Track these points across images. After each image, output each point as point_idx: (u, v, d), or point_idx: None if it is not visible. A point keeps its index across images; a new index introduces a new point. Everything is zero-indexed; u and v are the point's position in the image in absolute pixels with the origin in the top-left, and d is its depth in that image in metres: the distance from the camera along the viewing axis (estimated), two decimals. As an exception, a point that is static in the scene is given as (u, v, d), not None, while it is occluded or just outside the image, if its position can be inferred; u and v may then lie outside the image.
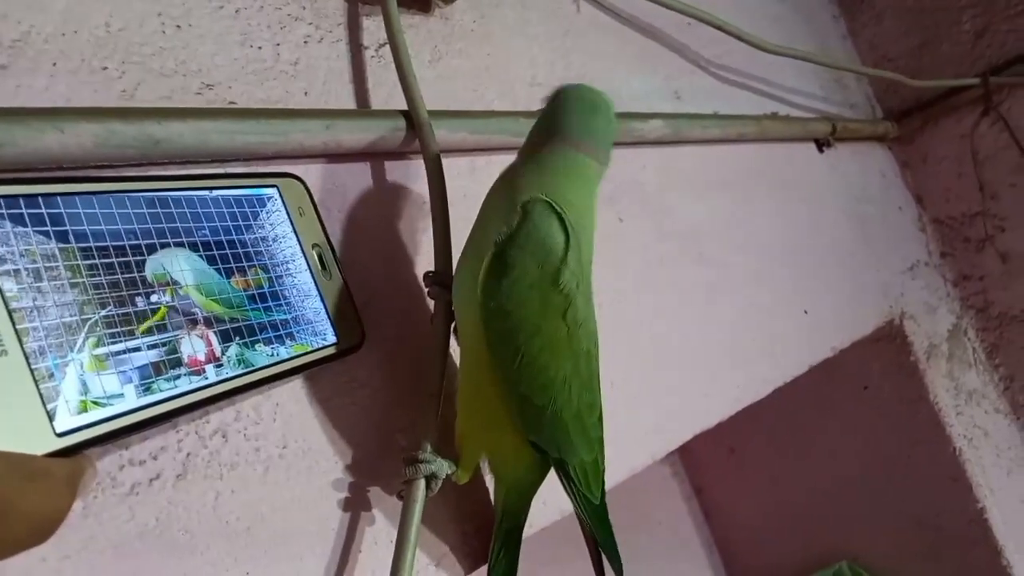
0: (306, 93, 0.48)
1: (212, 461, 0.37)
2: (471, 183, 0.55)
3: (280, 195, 0.42)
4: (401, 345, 0.47)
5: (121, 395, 0.32)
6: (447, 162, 0.50)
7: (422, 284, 0.47)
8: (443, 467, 0.42)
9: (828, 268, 0.95)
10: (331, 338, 0.41)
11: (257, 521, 0.38)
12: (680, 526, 1.32)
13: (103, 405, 0.31)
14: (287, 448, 0.40)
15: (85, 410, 0.30)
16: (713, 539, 1.34)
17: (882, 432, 1.11)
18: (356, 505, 0.42)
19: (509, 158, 0.58)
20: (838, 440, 1.16)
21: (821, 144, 1.03)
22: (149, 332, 0.33)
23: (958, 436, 1.06)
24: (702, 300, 0.74)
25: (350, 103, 0.50)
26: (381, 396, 0.45)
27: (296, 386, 0.42)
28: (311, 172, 0.46)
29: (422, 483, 0.41)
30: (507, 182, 0.43)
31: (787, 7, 1.13)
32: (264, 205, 0.41)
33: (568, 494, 0.44)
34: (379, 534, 0.43)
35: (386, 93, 0.52)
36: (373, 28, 0.53)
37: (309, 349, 0.40)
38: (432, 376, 0.44)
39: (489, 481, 0.48)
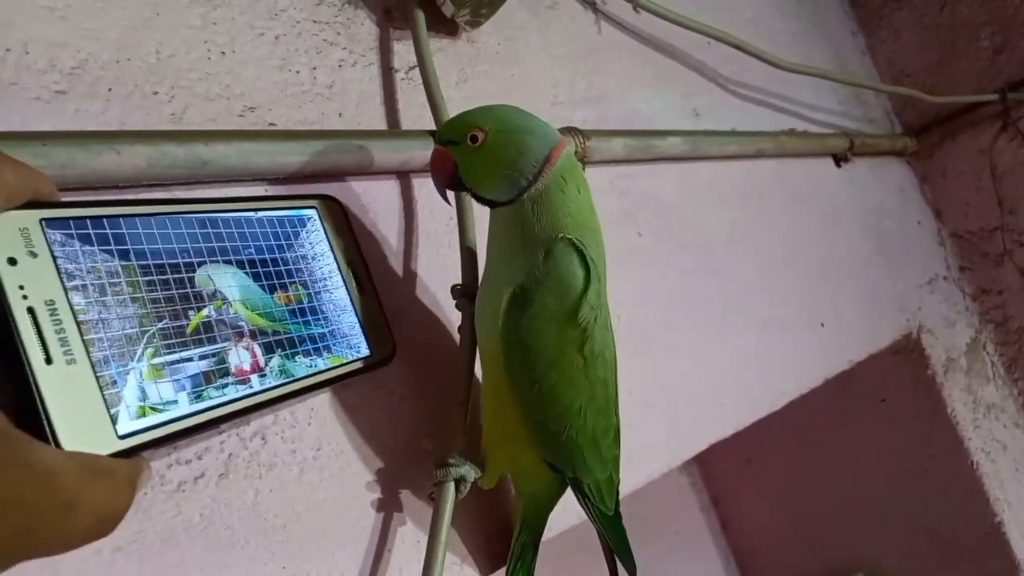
0: (340, 114, 0.50)
1: (252, 462, 0.40)
2: (495, 199, 0.58)
3: (319, 215, 0.44)
4: (430, 354, 0.50)
5: (175, 402, 0.34)
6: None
7: (450, 296, 0.50)
8: (471, 471, 0.44)
9: (845, 282, 0.96)
10: (365, 351, 0.43)
11: (293, 519, 0.41)
12: (697, 535, 1.33)
13: (160, 411, 0.33)
14: (321, 451, 0.43)
15: (144, 415, 0.33)
16: (730, 549, 1.35)
17: (899, 445, 1.12)
18: (386, 505, 0.45)
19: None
20: (855, 452, 1.17)
21: (839, 159, 1.05)
22: (199, 343, 0.36)
23: (976, 449, 1.07)
24: (719, 312, 0.75)
25: (381, 123, 0.53)
26: (410, 403, 0.47)
27: (330, 393, 0.44)
28: (345, 189, 0.48)
29: (452, 486, 0.43)
30: (513, 222, 0.42)
31: (806, 24, 1.14)
32: (304, 225, 0.43)
33: (582, 507, 0.47)
34: (407, 533, 0.45)
35: (415, 114, 0.55)
36: (403, 52, 0.55)
37: (345, 361, 0.42)
38: (460, 384, 0.47)
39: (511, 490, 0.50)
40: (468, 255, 0.50)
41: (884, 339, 0.99)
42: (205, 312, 0.37)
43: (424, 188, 0.53)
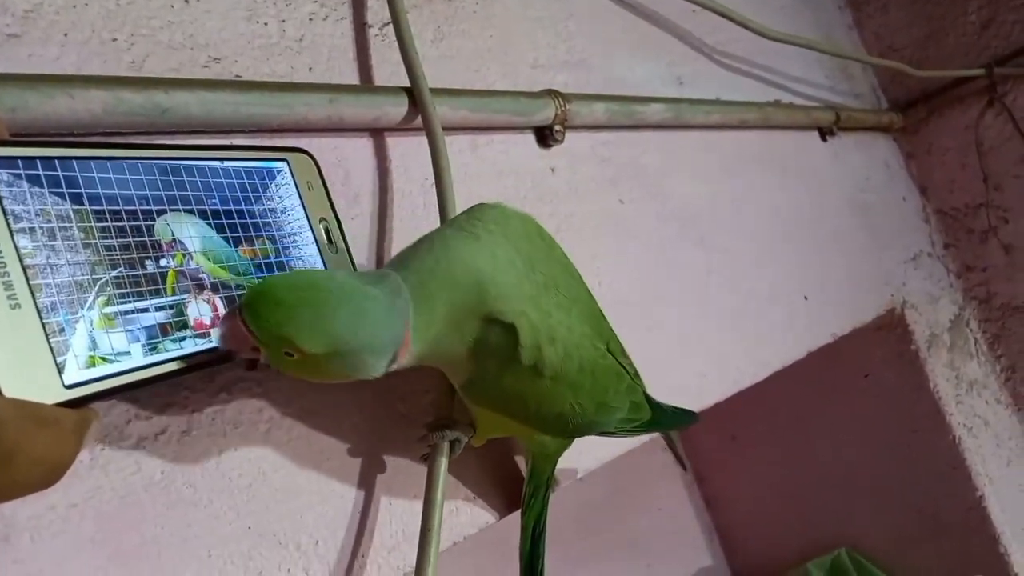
0: (310, 69, 0.49)
1: (216, 419, 0.39)
2: (473, 160, 0.57)
3: (290, 169, 0.43)
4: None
5: (128, 353, 0.33)
6: (449, 139, 0.51)
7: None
8: (464, 433, 0.44)
9: (829, 256, 0.95)
10: None
11: (259, 478, 0.40)
12: (681, 512, 1.33)
13: (110, 361, 0.32)
14: (290, 409, 0.41)
15: (93, 365, 0.31)
16: (714, 525, 1.35)
17: (882, 420, 1.12)
18: (360, 467, 0.44)
19: (510, 137, 0.60)
20: (839, 428, 1.17)
21: (825, 133, 1.04)
22: (156, 294, 0.35)
23: (958, 425, 1.07)
24: (701, 283, 0.75)
25: (354, 80, 0.51)
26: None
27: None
28: (314, 145, 0.47)
29: (446, 447, 0.43)
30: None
31: (793, -4, 1.13)
32: (274, 178, 0.42)
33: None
34: (384, 496, 0.44)
35: (389, 71, 0.53)
36: (377, 7, 0.54)
37: None
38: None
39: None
40: (445, 216, 0.49)
41: (868, 314, 0.99)
42: (164, 262, 0.35)
43: (399, 147, 0.52)
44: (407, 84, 0.51)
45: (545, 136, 0.62)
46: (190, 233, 0.37)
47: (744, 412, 1.22)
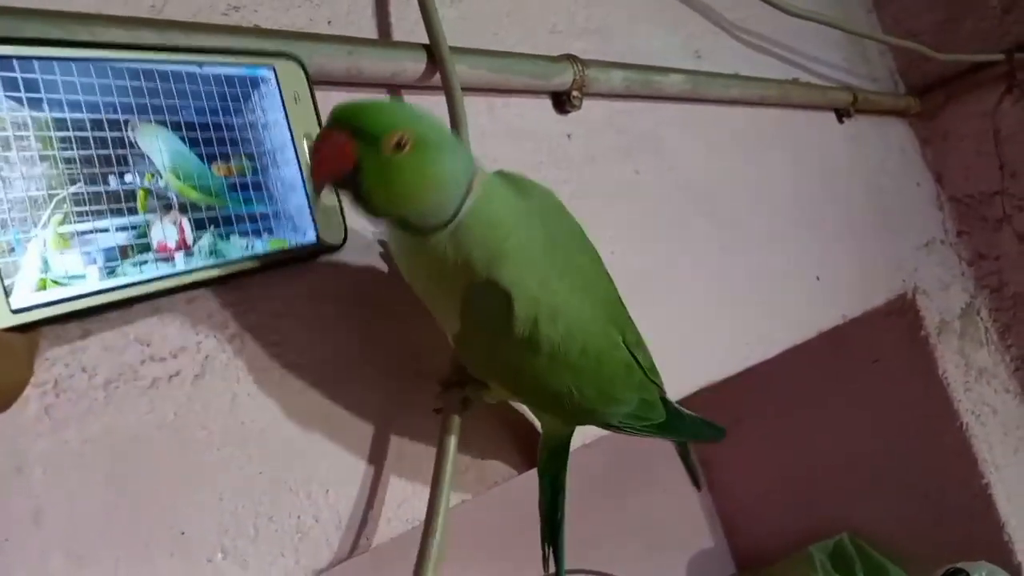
0: (329, 22, 0.49)
1: (230, 364, 0.39)
2: (489, 122, 0.56)
3: (276, 77, 0.40)
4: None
5: (83, 276, 0.31)
6: (466, 100, 0.51)
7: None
8: (477, 392, 0.44)
9: (842, 238, 0.95)
10: (311, 235, 0.40)
11: (273, 425, 0.40)
12: (684, 495, 1.33)
13: (63, 284, 0.30)
14: (304, 356, 0.41)
15: (44, 288, 0.30)
16: (716, 508, 1.36)
17: (890, 405, 1.12)
18: (378, 418, 0.44)
19: (527, 100, 0.60)
20: (845, 412, 1.17)
21: (842, 114, 1.03)
22: (118, 213, 0.32)
23: (966, 412, 1.06)
24: (714, 257, 0.74)
25: (372, 35, 0.51)
26: (405, 321, 0.46)
27: (316, 298, 0.43)
28: (331, 99, 0.47)
29: (459, 403, 0.43)
30: (414, 264, 0.39)
31: (812, -23, 1.12)
32: (257, 87, 0.39)
33: (625, 434, 0.46)
34: (402, 448, 0.45)
35: (408, 28, 0.53)
36: (397, -37, 0.53)
37: (287, 246, 0.39)
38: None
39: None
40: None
41: (879, 297, 0.98)
42: (129, 179, 0.33)
43: (415, 103, 0.52)
44: (426, 41, 0.51)
45: (562, 102, 0.62)
46: (159, 147, 0.35)
47: (750, 395, 1.22)
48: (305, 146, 0.41)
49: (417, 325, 0.47)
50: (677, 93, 0.73)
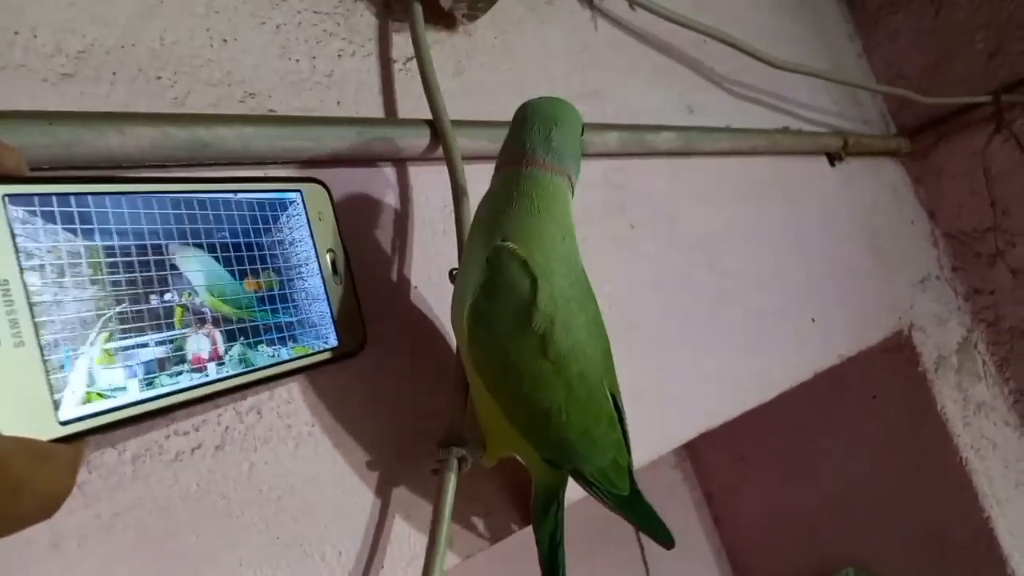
0: (339, 103, 0.52)
1: (248, 435, 0.41)
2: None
3: (303, 199, 0.44)
4: (426, 337, 0.51)
5: (124, 388, 0.33)
6: (469, 169, 0.54)
7: (447, 280, 0.51)
8: (473, 451, 0.46)
9: (837, 279, 0.97)
10: (332, 341, 0.43)
11: (287, 491, 0.42)
12: (689, 531, 1.34)
13: (106, 397, 0.32)
14: (315, 426, 0.44)
15: (89, 401, 0.32)
16: (722, 544, 1.36)
17: (890, 441, 1.13)
18: (382, 480, 0.46)
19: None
20: (846, 449, 1.18)
21: (833, 158, 1.06)
22: (158, 328, 0.35)
23: (965, 446, 1.08)
24: (710, 306, 0.77)
25: (379, 112, 0.54)
26: (406, 384, 0.49)
27: (326, 371, 0.45)
28: (340, 175, 0.50)
29: (455, 464, 0.45)
30: (481, 221, 0.43)
31: (803, 26, 1.16)
32: (286, 209, 0.43)
33: (591, 494, 0.47)
34: (405, 508, 0.47)
35: (412, 104, 0.56)
36: (401, 43, 0.57)
37: (310, 351, 0.42)
38: (457, 367, 0.48)
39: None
40: (464, 241, 0.51)
41: (876, 336, 1.00)
42: (169, 297, 0.36)
43: (420, 176, 0.55)
44: (429, 116, 0.54)
45: (559, 164, 0.65)
46: (196, 267, 0.37)
47: (753, 432, 1.24)
48: (328, 260, 0.44)
49: (423, 391, 0.49)
50: (669, 149, 0.76)
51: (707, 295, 0.77)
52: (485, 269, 0.40)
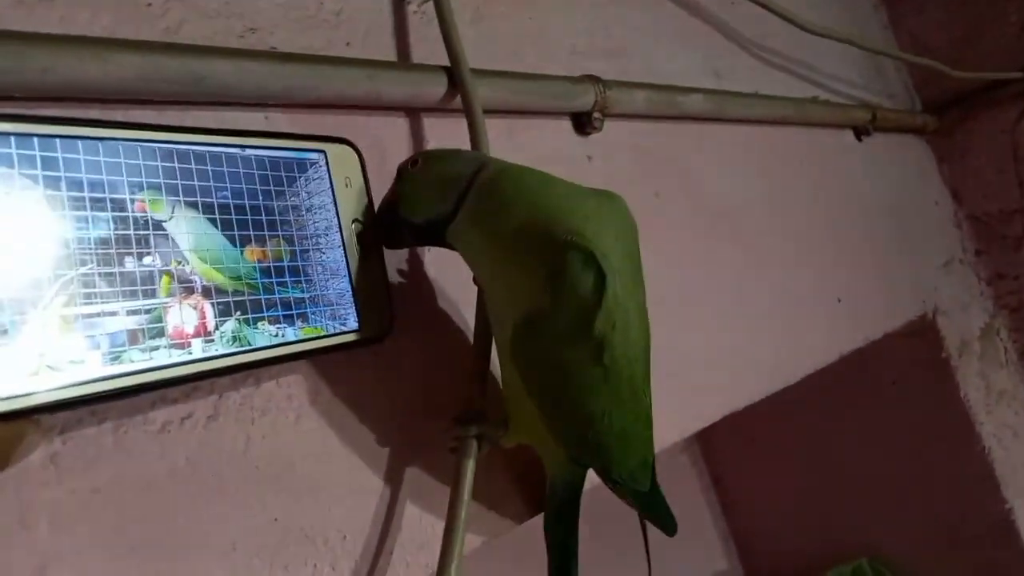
0: (348, 44, 0.47)
1: (244, 405, 0.37)
2: (509, 145, 0.54)
3: (327, 161, 0.39)
4: (441, 310, 0.47)
5: (82, 361, 0.29)
6: (489, 123, 0.49)
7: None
8: (493, 429, 0.42)
9: (862, 258, 0.93)
10: (352, 324, 0.38)
11: (287, 469, 0.38)
12: (697, 515, 1.31)
13: (59, 370, 0.28)
14: (319, 398, 0.40)
15: (36, 374, 0.27)
16: (729, 530, 1.33)
17: (909, 428, 1.09)
18: (392, 460, 0.42)
19: (547, 123, 0.58)
20: (863, 435, 1.14)
21: (860, 132, 1.01)
22: (132, 295, 0.30)
23: (987, 435, 1.04)
24: (735, 280, 0.72)
25: (391, 57, 0.49)
26: (422, 358, 0.45)
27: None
28: (349, 123, 0.45)
29: (473, 443, 0.41)
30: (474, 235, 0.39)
31: (828, -6, 1.10)
32: (305, 171, 0.38)
33: (613, 491, 0.43)
34: (417, 490, 0.43)
35: (427, 50, 0.51)
36: (416, -17, 0.52)
37: (322, 333, 0.37)
38: (478, 342, 0.44)
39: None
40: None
41: (900, 319, 0.96)
42: (148, 261, 0.31)
43: (436, 128, 0.50)
44: (446, 63, 0.49)
45: (583, 123, 0.60)
46: (185, 229, 0.33)
47: (765, 415, 1.19)
48: (353, 231, 0.39)
49: (435, 362, 0.45)
50: (699, 113, 0.71)
51: (733, 270, 0.72)
52: (540, 272, 0.36)
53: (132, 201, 0.31)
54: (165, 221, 0.32)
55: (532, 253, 0.36)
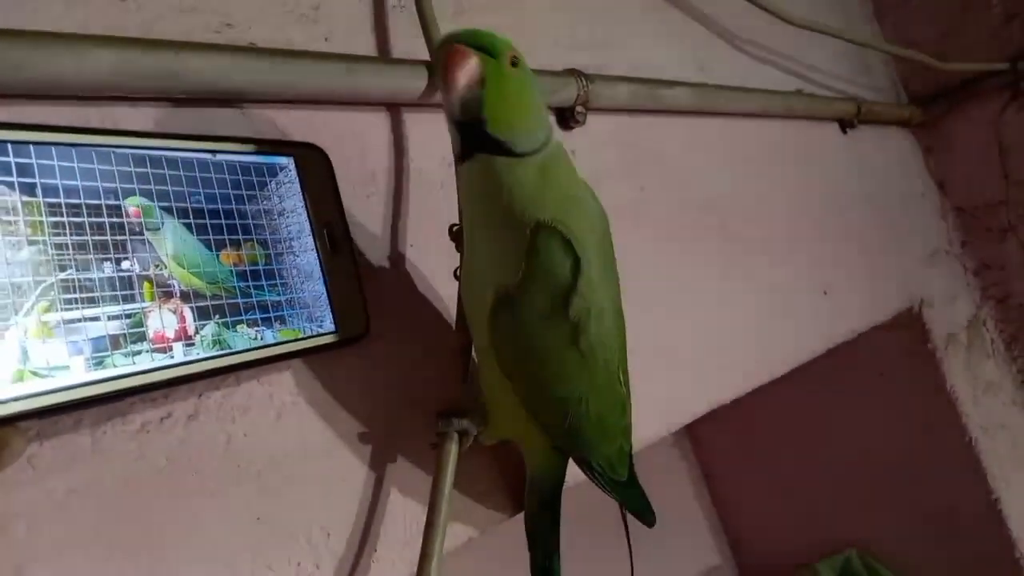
0: (327, 39, 0.47)
1: (224, 404, 0.37)
2: (492, 140, 0.54)
3: (296, 166, 0.39)
4: (423, 301, 0.46)
5: (66, 367, 0.29)
6: (468, 117, 0.49)
7: (447, 238, 0.46)
8: (473, 425, 0.42)
9: (848, 251, 0.93)
10: (328, 325, 0.38)
11: (269, 467, 0.37)
12: (687, 509, 1.31)
13: (42, 376, 0.28)
14: (301, 395, 0.39)
15: (20, 379, 0.27)
16: (720, 523, 1.33)
17: (896, 420, 1.10)
18: (374, 456, 0.42)
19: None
20: (851, 427, 1.15)
21: (845, 125, 1.01)
22: (113, 300, 0.31)
23: (974, 426, 1.05)
24: (721, 274, 0.72)
25: (371, 52, 0.49)
26: (403, 352, 0.44)
27: (311, 333, 0.40)
28: (328, 119, 0.45)
29: (455, 437, 0.41)
30: (496, 193, 0.37)
31: (813, -14, 1.10)
32: (275, 175, 0.38)
33: (591, 480, 0.44)
34: (399, 486, 0.42)
35: (407, 45, 0.51)
36: (396, -22, 0.52)
37: (300, 335, 0.37)
38: (458, 337, 0.44)
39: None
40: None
41: (886, 311, 0.97)
42: (127, 265, 0.31)
43: (416, 124, 0.50)
44: (426, 58, 0.49)
45: (566, 118, 0.60)
46: (162, 234, 0.33)
47: (754, 409, 1.20)
48: (325, 235, 0.39)
49: (416, 360, 0.45)
50: (683, 106, 0.71)
51: (718, 263, 0.72)
52: (522, 250, 0.36)
53: (108, 206, 0.32)
54: (144, 226, 0.33)
55: (522, 222, 0.36)
